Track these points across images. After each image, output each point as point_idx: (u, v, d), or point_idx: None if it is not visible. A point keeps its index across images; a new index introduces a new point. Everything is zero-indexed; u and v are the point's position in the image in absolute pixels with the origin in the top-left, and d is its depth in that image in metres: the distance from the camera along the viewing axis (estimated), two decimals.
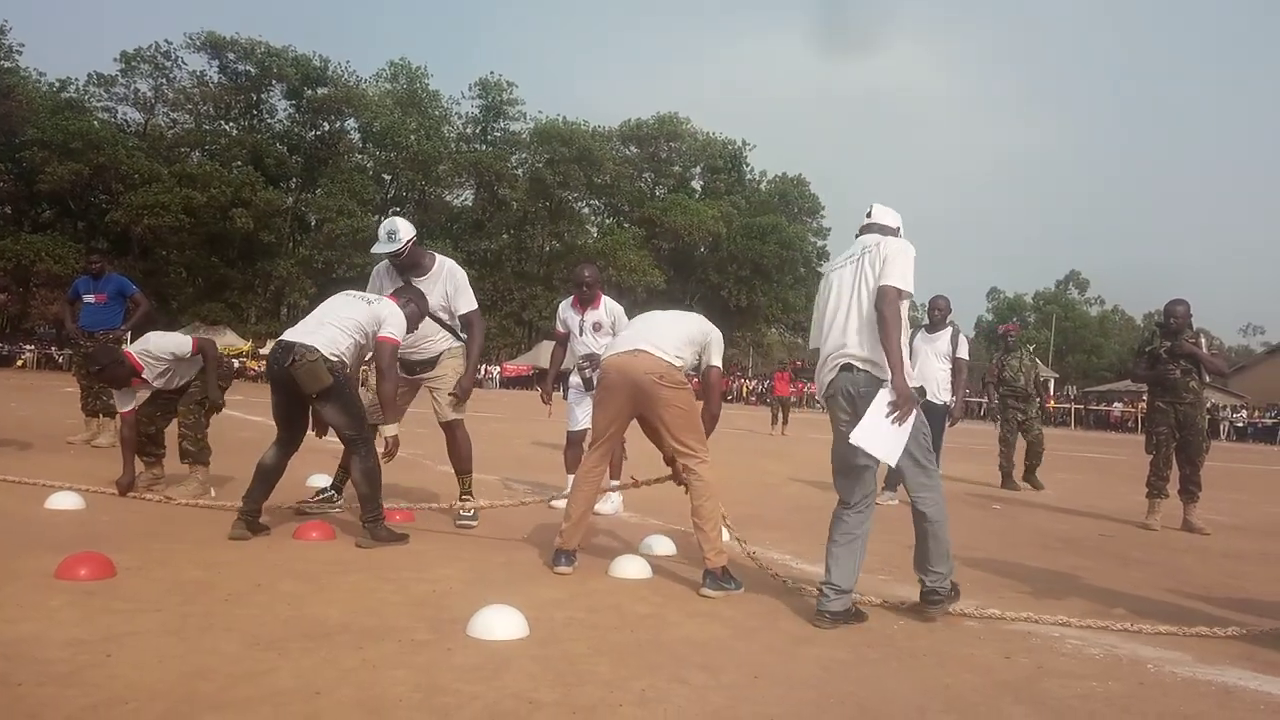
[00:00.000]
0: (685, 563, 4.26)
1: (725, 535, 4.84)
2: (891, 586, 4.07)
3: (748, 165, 57.76)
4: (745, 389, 45.91)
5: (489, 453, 9.71)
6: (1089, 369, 68.57)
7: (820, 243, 57.25)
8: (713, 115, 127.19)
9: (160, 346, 5.44)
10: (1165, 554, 5.70)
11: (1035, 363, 10.37)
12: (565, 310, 6.17)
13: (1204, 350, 7.07)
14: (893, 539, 5.19)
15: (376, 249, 4.94)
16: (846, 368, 3.54)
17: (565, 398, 6.51)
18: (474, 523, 5.03)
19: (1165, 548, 5.98)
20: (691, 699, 2.51)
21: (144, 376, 5.39)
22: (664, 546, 4.47)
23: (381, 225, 5.00)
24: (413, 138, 45.53)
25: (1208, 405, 8.06)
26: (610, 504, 5.87)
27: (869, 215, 3.86)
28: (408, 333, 4.64)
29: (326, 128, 47.54)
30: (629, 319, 6.35)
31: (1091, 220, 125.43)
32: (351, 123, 47.77)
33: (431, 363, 5.10)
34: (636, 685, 2.59)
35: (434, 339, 5.08)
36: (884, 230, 3.74)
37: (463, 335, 5.20)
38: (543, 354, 43.38)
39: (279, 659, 2.65)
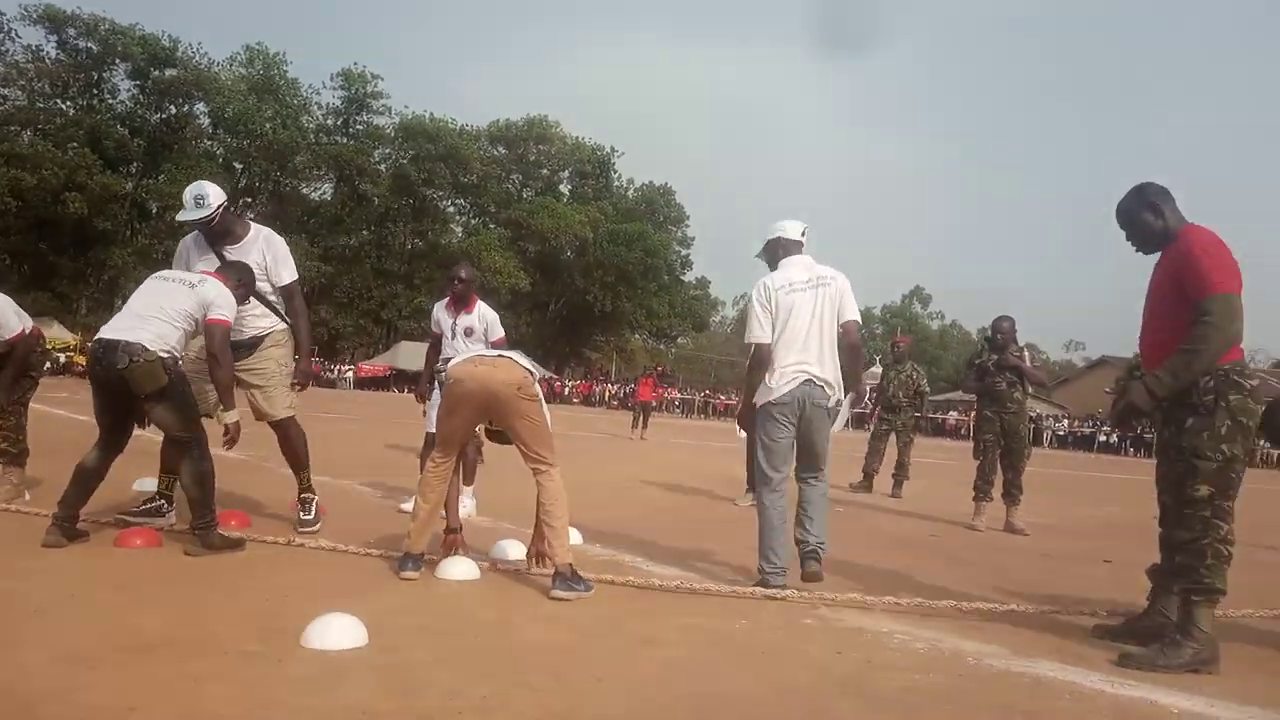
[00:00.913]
0: (537, 568, 4.24)
1: (576, 537, 4.86)
2: (737, 584, 4.16)
3: (616, 172, 58.26)
4: (608, 394, 46.14)
5: (340, 456, 9.38)
6: (929, 380, 72.48)
7: (684, 252, 58.41)
8: (583, 120, 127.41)
9: None
10: (989, 553, 6.09)
11: (920, 374, 10.80)
12: (439, 311, 6.07)
13: (1027, 363, 7.63)
14: (742, 541, 5.31)
15: (183, 216, 4.50)
16: (807, 382, 4.19)
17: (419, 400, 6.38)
18: (315, 527, 4.80)
19: (989, 547, 6.40)
20: (533, 704, 2.51)
21: None
22: (517, 551, 4.43)
23: (187, 191, 4.54)
24: (268, 126, 43.55)
25: (1031, 415, 8.68)
26: (465, 507, 5.78)
27: (802, 235, 4.48)
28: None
29: (173, 111, 44.88)
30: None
31: (935, 239, 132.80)
32: (201, 107, 45.31)
33: (251, 347, 4.65)
34: (478, 692, 2.56)
35: (253, 315, 4.62)
36: (800, 247, 4.46)
37: (287, 318, 4.81)
38: (401, 355, 42.41)
39: (90, 674, 2.48)
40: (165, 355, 3.98)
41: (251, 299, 4.57)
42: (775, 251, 4.49)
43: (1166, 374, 3.34)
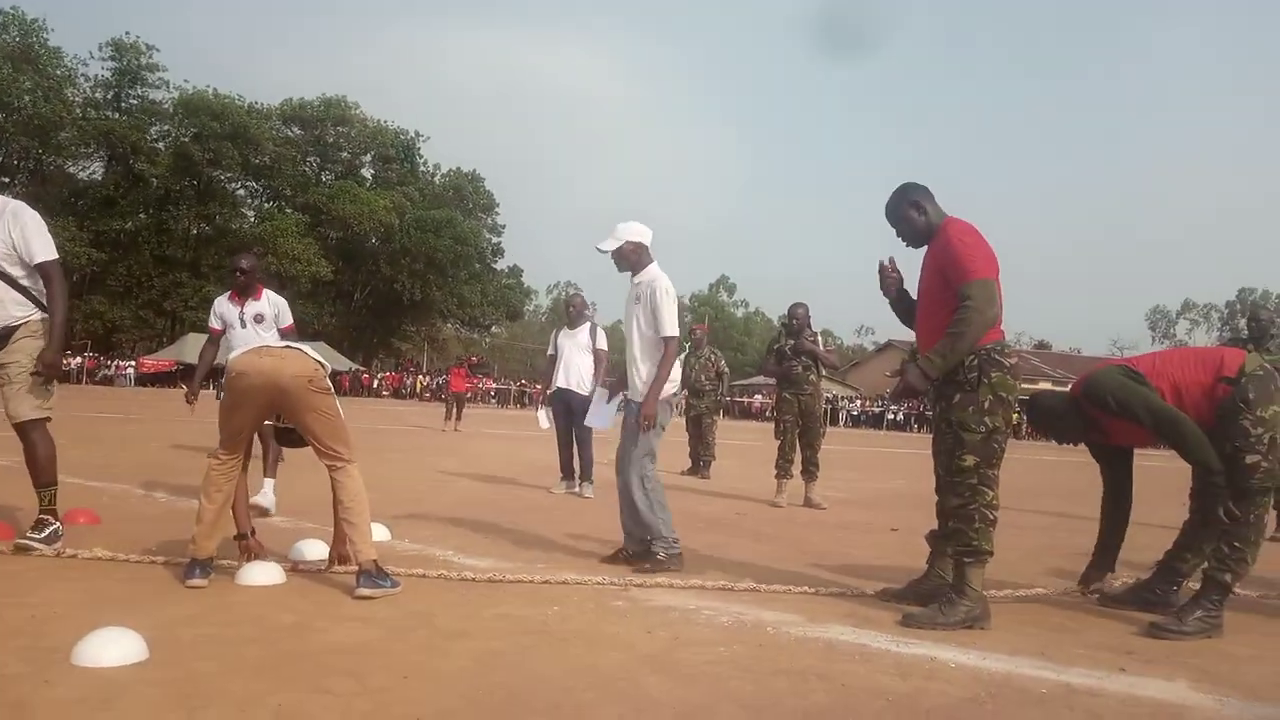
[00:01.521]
0: (339, 567, 4.06)
1: (383, 534, 4.70)
2: (549, 572, 4.16)
3: (421, 157, 56.71)
4: (420, 385, 44.95)
5: (120, 459, 8.64)
6: (735, 365, 75.49)
7: (495, 239, 57.74)
8: (384, 103, 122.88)
9: None
10: (790, 528, 6.41)
11: (718, 357, 11.14)
12: (221, 305, 5.82)
13: (821, 348, 8.08)
14: (555, 528, 5.31)
15: None
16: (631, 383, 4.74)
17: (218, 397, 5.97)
18: (42, 549, 4.05)
19: (790, 522, 6.74)
20: (333, 708, 2.39)
21: None
22: (317, 551, 4.22)
23: None
24: (27, 99, 39.26)
25: (826, 396, 9.19)
26: (266, 498, 5.49)
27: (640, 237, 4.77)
28: None
29: None
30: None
31: (739, 230, 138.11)
32: None
33: (2, 338, 4.08)
34: (272, 700, 2.42)
35: (2, 302, 4.07)
36: (636, 251, 4.73)
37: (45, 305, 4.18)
38: (188, 348, 39.38)
39: None
40: None
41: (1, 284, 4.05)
42: (645, 254, 4.74)
43: (937, 355, 3.64)
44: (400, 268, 50.36)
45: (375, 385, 44.34)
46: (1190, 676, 3.06)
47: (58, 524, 4.20)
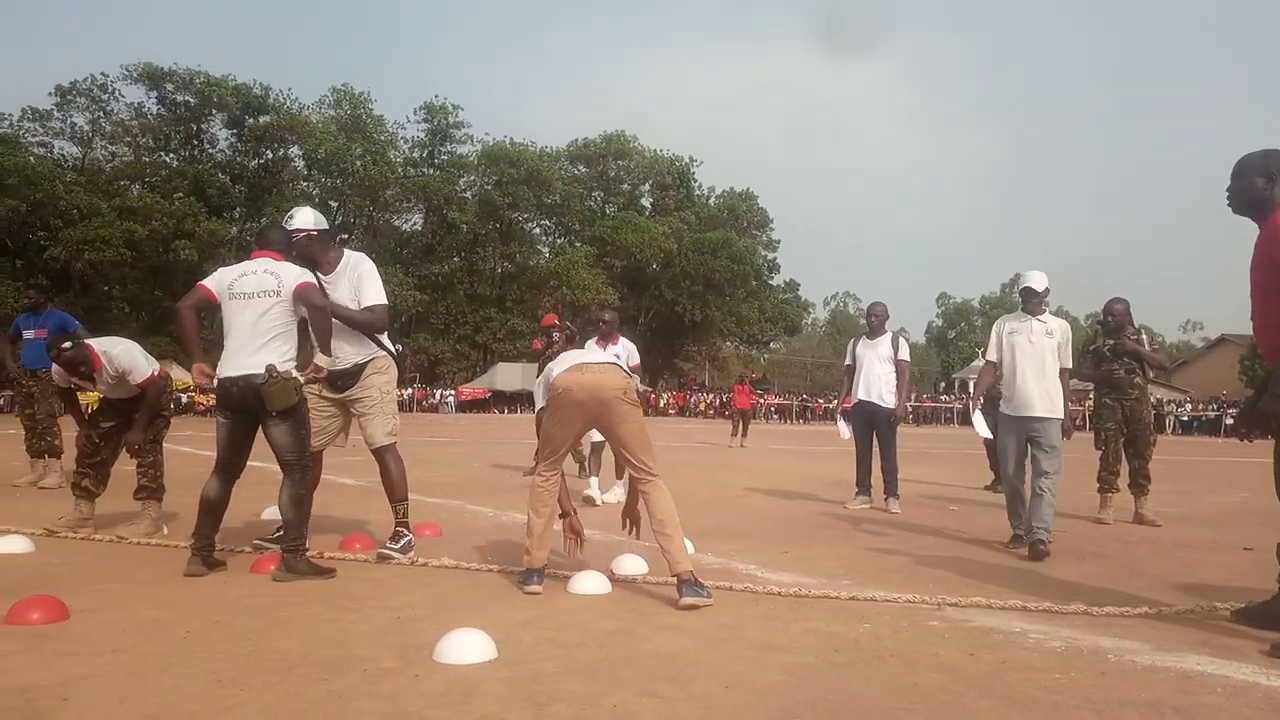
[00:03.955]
0: (652, 579, 4.25)
1: (689, 547, 4.89)
2: (855, 588, 4.09)
3: (696, 181, 58.31)
4: (704, 403, 46.04)
5: (450, 477, 9.64)
6: None
7: (770, 255, 57.93)
8: (659, 133, 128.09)
9: (120, 360, 5.33)
10: (1118, 546, 5.82)
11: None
12: (590, 346, 6.58)
13: (1146, 347, 7.29)
14: (854, 544, 5.22)
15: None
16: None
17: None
18: (398, 558, 4.59)
19: (1118, 540, 6.12)
20: (663, 712, 2.51)
21: (96, 375, 5.32)
22: (634, 565, 4.44)
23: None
24: (358, 163, 45.19)
25: (1153, 400, 8.29)
26: (596, 491, 6.17)
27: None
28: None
29: (270, 156, 47.03)
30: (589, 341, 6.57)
31: (1017, 228, 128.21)
32: (295, 150, 47.28)
33: (354, 375, 4.71)
34: (608, 701, 2.58)
35: (352, 344, 4.68)
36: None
37: (387, 346, 4.87)
38: (498, 376, 43.30)
39: (242, 694, 2.60)
40: (297, 376, 4.18)
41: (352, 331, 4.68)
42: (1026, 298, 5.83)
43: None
44: (680, 290, 52.02)
45: (661, 404, 45.99)
46: None
47: (411, 535, 4.79)
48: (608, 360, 4.12)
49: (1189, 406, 43.13)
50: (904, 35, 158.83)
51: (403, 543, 4.71)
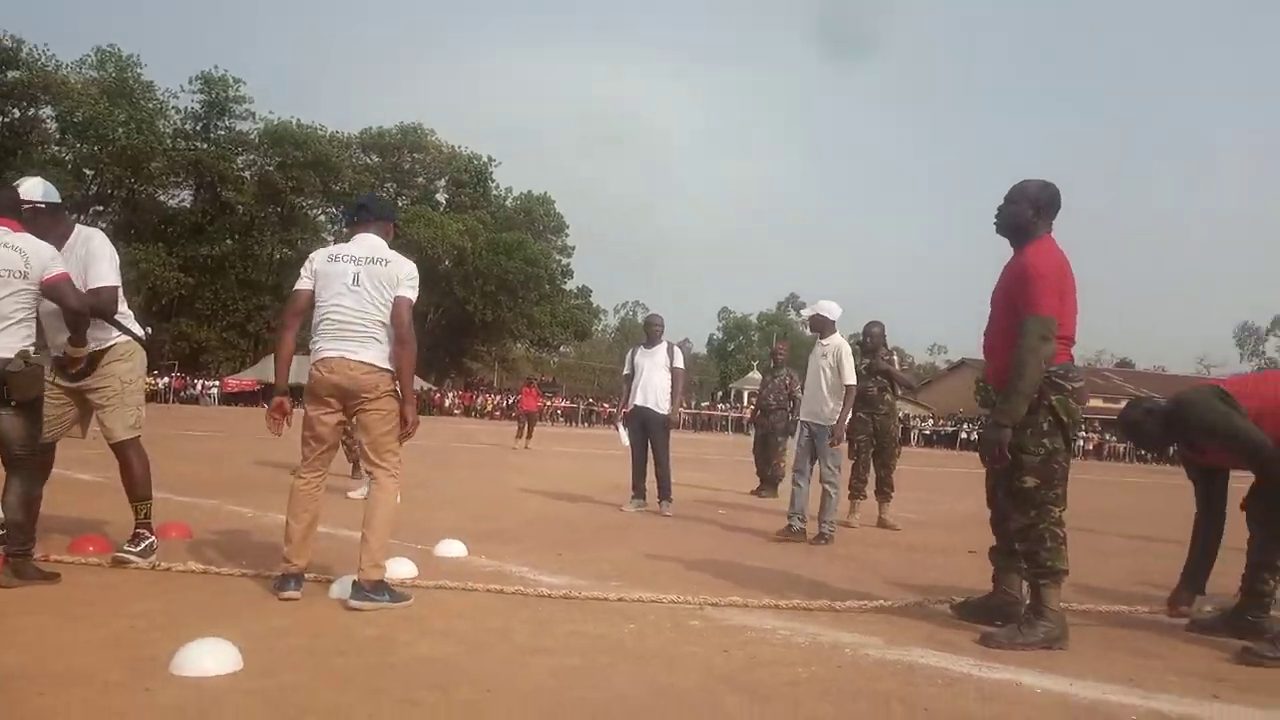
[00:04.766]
0: (423, 582, 4.16)
1: (460, 550, 4.85)
2: (623, 590, 4.18)
3: (493, 181, 57.67)
4: (490, 404, 45.57)
5: (207, 475, 8.98)
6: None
7: (565, 261, 58.28)
8: (458, 130, 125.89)
9: None
10: (863, 549, 6.33)
11: (794, 380, 10.85)
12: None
13: (896, 367, 7.98)
14: (627, 546, 5.33)
15: None
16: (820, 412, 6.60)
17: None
18: (141, 560, 4.23)
19: (863, 543, 6.65)
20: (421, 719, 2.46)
21: None
22: (400, 569, 4.30)
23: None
24: (120, 130, 41.16)
25: (900, 415, 9.08)
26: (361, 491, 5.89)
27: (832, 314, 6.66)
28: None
29: (18, 115, 41.95)
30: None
31: (809, 249, 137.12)
32: (48, 111, 42.47)
33: (92, 362, 4.19)
34: (362, 710, 2.50)
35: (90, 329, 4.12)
36: (824, 323, 6.74)
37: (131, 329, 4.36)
38: (269, 368, 40.63)
39: None
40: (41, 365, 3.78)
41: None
42: (831, 326, 6.70)
43: (1006, 409, 3.60)
44: (472, 289, 51.23)
45: (447, 404, 45.10)
46: None
47: (153, 538, 4.39)
48: (359, 357, 3.82)
49: (931, 422, 47.61)
50: (703, 59, 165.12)
51: (143, 545, 4.30)
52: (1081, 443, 43.88)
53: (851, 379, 6.50)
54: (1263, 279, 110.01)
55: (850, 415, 7.20)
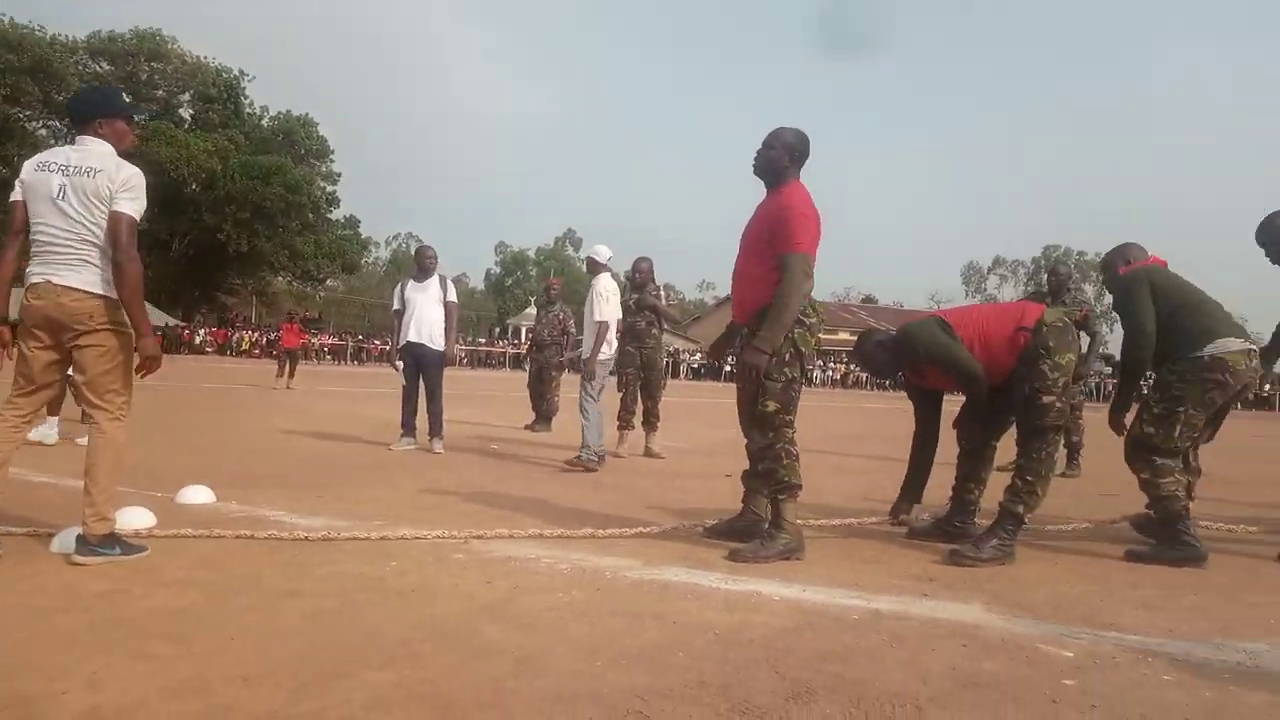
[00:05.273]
0: (159, 531, 3.87)
1: (207, 496, 4.55)
2: (386, 528, 4.11)
3: (246, 98, 53.02)
4: (247, 340, 42.66)
5: None
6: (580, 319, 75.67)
7: (330, 188, 54.97)
8: (204, 38, 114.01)
9: None
10: (630, 477, 6.57)
11: (567, 315, 10.91)
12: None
13: (663, 302, 8.24)
14: (394, 485, 5.22)
15: None
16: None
17: None
18: None
19: (631, 472, 6.91)
20: (154, 673, 2.31)
21: None
22: (137, 518, 3.97)
23: None
24: None
25: (668, 349, 9.42)
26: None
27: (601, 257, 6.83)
28: None
29: None
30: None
31: (586, 183, 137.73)
32: None
33: None
34: (86, 668, 2.31)
35: None
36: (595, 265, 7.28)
37: None
38: None
39: None
40: None
41: None
42: (601, 267, 7.34)
43: (768, 335, 3.82)
44: (224, 216, 47.21)
45: (198, 341, 41.79)
46: (984, 599, 3.39)
47: None
48: (67, 282, 3.36)
49: (699, 356, 49.85)
50: None
51: None
52: (830, 372, 47.68)
53: (599, 316, 6.97)
54: (986, 226, 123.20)
55: (618, 348, 7.43)
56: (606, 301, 7.02)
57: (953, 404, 4.53)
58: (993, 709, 2.32)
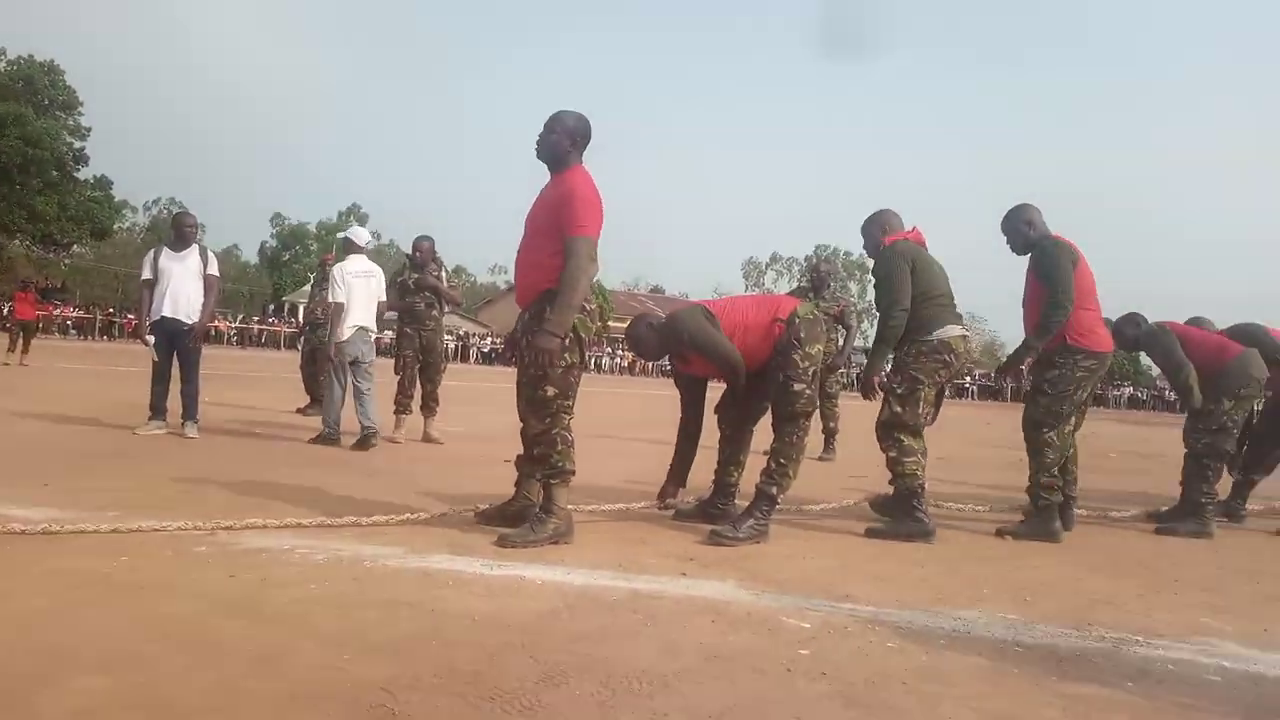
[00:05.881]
0: None
1: None
2: (120, 520, 3.76)
3: None
4: None
5: None
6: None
7: (78, 144, 49.52)
8: None
9: None
10: (406, 463, 6.40)
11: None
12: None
13: (444, 283, 8.05)
14: (135, 473, 4.79)
15: None
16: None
17: None
18: None
19: (407, 458, 6.72)
20: None
21: None
22: None
23: None
24: None
25: (458, 333, 9.24)
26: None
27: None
28: None
29: None
30: None
31: (372, 157, 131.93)
32: None
33: None
34: None
35: None
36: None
37: None
38: None
39: None
40: None
41: None
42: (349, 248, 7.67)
43: (557, 317, 3.80)
44: None
45: None
46: (738, 576, 3.57)
47: None
48: None
49: (489, 340, 49.35)
50: None
51: None
52: (620, 360, 48.66)
53: (331, 298, 7.32)
54: (766, 224, 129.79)
55: (397, 329, 7.30)
56: (340, 284, 7.22)
57: (716, 391, 4.73)
58: (733, 679, 2.45)
